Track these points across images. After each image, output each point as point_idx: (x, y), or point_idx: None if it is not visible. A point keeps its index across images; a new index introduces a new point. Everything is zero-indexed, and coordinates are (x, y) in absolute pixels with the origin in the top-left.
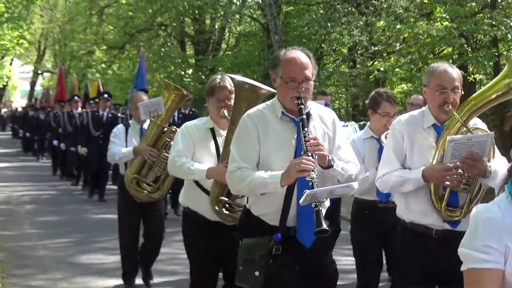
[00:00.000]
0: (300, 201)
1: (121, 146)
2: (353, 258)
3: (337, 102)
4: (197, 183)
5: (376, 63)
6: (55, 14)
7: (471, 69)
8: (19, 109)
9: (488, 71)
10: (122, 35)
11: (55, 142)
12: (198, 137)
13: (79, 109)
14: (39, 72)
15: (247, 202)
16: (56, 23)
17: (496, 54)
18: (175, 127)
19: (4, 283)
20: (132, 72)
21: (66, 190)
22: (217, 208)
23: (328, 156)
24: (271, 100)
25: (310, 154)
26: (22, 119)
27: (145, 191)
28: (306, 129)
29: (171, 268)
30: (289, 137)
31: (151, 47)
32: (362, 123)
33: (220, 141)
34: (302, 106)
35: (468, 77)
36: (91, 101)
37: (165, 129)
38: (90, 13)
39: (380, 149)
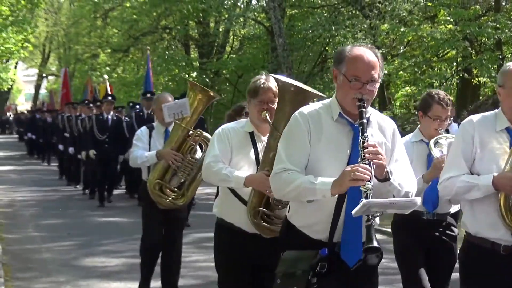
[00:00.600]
0: (353, 212)
1: (144, 149)
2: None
3: None
4: (233, 191)
5: None
6: (60, 18)
7: (475, 72)
8: (25, 112)
9: (492, 74)
10: (127, 38)
11: (60, 147)
12: (236, 142)
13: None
14: (44, 75)
15: (288, 212)
16: (60, 26)
17: (500, 57)
18: (200, 130)
19: (7, 286)
20: (137, 75)
21: (69, 193)
22: (255, 220)
23: (386, 168)
24: (328, 99)
25: (367, 162)
26: (30, 122)
27: (169, 198)
28: (365, 134)
29: None
30: (344, 141)
31: (156, 50)
32: None
33: (260, 146)
34: (364, 109)
35: (472, 80)
36: (91, 104)
37: (191, 132)
38: (95, 16)
39: (430, 154)
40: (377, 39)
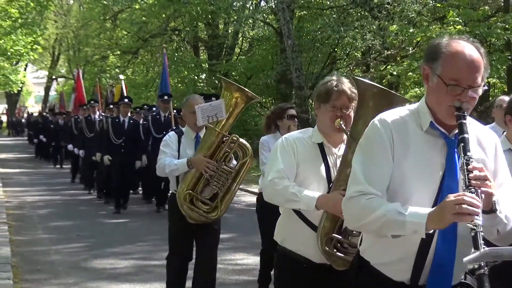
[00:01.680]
0: (466, 259)
1: (172, 156)
2: None
3: None
4: (299, 214)
5: (389, 67)
6: (69, 20)
7: None
8: (35, 115)
9: (501, 75)
10: (136, 40)
11: (70, 147)
12: (303, 155)
13: (97, 114)
14: (54, 77)
15: (360, 245)
16: (70, 28)
17: (509, 57)
18: (236, 136)
19: None
20: (146, 77)
21: (79, 195)
22: (326, 248)
23: (493, 197)
24: (414, 104)
25: (473, 190)
26: (42, 124)
27: (201, 210)
28: (469, 153)
29: None
30: (436, 158)
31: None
32: None
33: (332, 160)
34: (464, 121)
35: None
36: (111, 106)
37: (225, 138)
38: (104, 18)
39: None
40: (386, 40)
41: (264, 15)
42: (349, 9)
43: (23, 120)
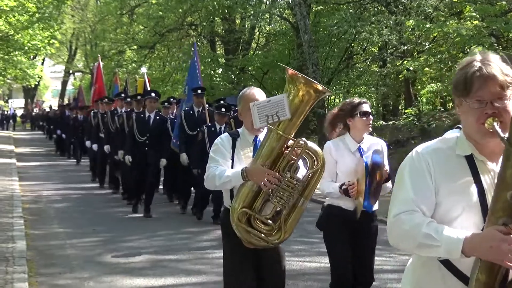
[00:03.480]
0: None
1: (225, 165)
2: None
3: (368, 101)
4: (445, 262)
5: (405, 62)
6: (86, 14)
7: None
8: (53, 109)
9: None
10: (152, 34)
11: (88, 143)
12: (445, 172)
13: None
14: (70, 71)
15: None
16: (87, 23)
17: None
18: (304, 139)
19: (31, 281)
20: (163, 71)
21: (95, 190)
22: None
23: None
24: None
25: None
26: (59, 119)
27: (260, 233)
28: None
29: (197, 268)
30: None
31: (181, 46)
32: (392, 122)
33: (487, 180)
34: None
35: None
36: (129, 99)
37: (290, 142)
38: (121, 13)
39: None
40: (403, 35)
41: (281, 10)
42: (366, 4)
43: (42, 112)
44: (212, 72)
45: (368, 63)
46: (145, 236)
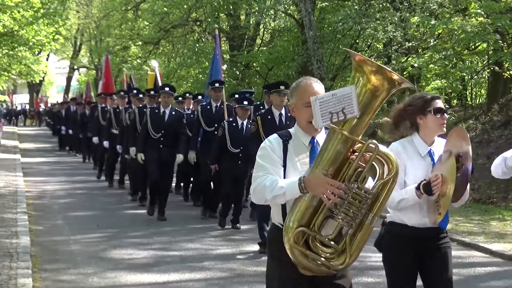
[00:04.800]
0: None
1: (276, 174)
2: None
3: None
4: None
5: (410, 59)
6: (91, 10)
7: (506, 65)
8: (57, 104)
9: None
10: (157, 30)
11: (95, 140)
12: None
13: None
14: (75, 67)
15: None
16: (92, 18)
17: None
18: (374, 141)
19: (35, 277)
20: (168, 67)
21: (99, 185)
22: None
23: None
24: None
25: None
26: (65, 114)
27: (321, 257)
28: None
29: (201, 264)
30: None
31: (186, 42)
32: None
33: None
34: None
35: (503, 73)
36: (140, 94)
37: (357, 144)
38: (126, 8)
39: None
40: (408, 32)
41: (286, 6)
42: (371, 1)
43: (49, 108)
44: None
45: (373, 59)
46: (149, 232)
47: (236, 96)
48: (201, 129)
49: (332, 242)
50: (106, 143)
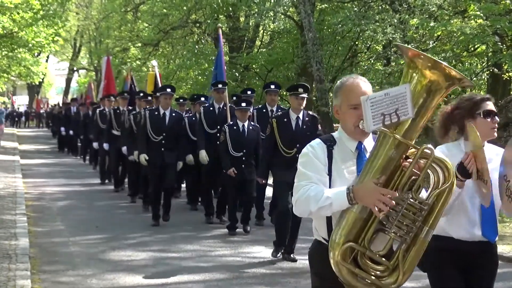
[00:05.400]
0: None
1: (321, 182)
2: None
3: None
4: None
5: None
6: (91, 12)
7: (505, 67)
8: (56, 106)
9: None
10: (157, 32)
11: (95, 144)
12: None
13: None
14: (75, 69)
15: None
16: (91, 20)
17: None
18: (430, 146)
19: (34, 279)
20: (167, 69)
21: (98, 187)
22: None
23: None
24: None
25: None
26: (64, 116)
27: (370, 275)
28: None
29: (200, 265)
30: None
31: (185, 44)
32: None
33: None
34: None
35: (502, 75)
36: (149, 97)
37: (411, 149)
38: (125, 10)
39: None
40: (407, 34)
41: (285, 8)
42: (370, 2)
43: (41, 111)
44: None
45: (372, 61)
46: (148, 234)
47: (234, 98)
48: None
49: (383, 259)
50: (106, 146)
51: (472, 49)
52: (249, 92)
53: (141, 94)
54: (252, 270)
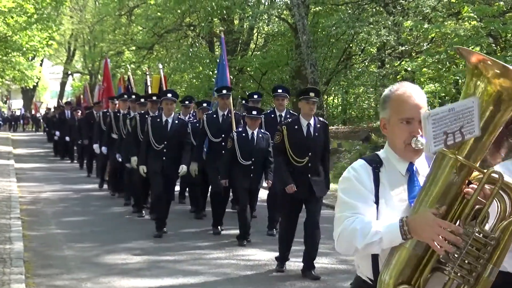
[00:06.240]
0: None
1: (368, 213)
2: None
3: (366, 102)
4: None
5: (403, 63)
6: (85, 15)
7: None
8: (51, 109)
9: None
10: (151, 35)
11: (95, 147)
12: None
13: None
14: (69, 72)
15: None
16: (85, 24)
17: None
18: (498, 170)
19: (28, 283)
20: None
21: (93, 191)
22: None
23: None
24: None
25: None
26: (58, 120)
27: None
28: None
29: (195, 268)
30: None
31: (180, 47)
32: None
33: None
34: None
35: None
36: (143, 99)
37: (476, 174)
38: (119, 13)
39: None
40: (401, 36)
41: (279, 10)
42: (364, 5)
43: (37, 115)
44: (211, 73)
45: (366, 63)
46: (143, 237)
47: (243, 102)
48: (207, 139)
49: None
50: (104, 149)
51: None
52: (255, 96)
53: (133, 97)
54: (247, 273)
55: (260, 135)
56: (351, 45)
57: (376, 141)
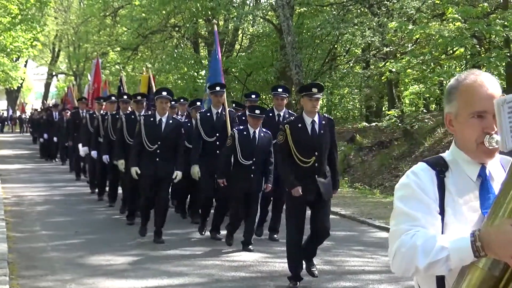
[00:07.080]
0: None
1: (431, 226)
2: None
3: (351, 103)
4: None
5: (388, 64)
6: (69, 16)
7: (483, 70)
8: (37, 110)
9: (501, 72)
10: (136, 36)
11: (82, 151)
12: None
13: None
14: (54, 73)
15: None
16: (70, 25)
17: (508, 54)
18: None
19: (12, 284)
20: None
21: (78, 192)
22: None
23: None
24: None
25: None
26: (46, 121)
27: None
28: None
29: (179, 270)
30: None
31: (165, 48)
32: (375, 124)
33: None
34: None
35: None
36: (126, 96)
37: None
38: (104, 14)
39: None
40: (385, 37)
41: (264, 11)
42: (349, 6)
43: (23, 116)
44: (196, 73)
45: (351, 64)
46: (128, 238)
47: (234, 105)
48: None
49: None
50: (94, 153)
51: (451, 52)
52: (253, 96)
53: (125, 97)
54: (231, 274)
55: (262, 134)
56: (336, 46)
57: (361, 142)
